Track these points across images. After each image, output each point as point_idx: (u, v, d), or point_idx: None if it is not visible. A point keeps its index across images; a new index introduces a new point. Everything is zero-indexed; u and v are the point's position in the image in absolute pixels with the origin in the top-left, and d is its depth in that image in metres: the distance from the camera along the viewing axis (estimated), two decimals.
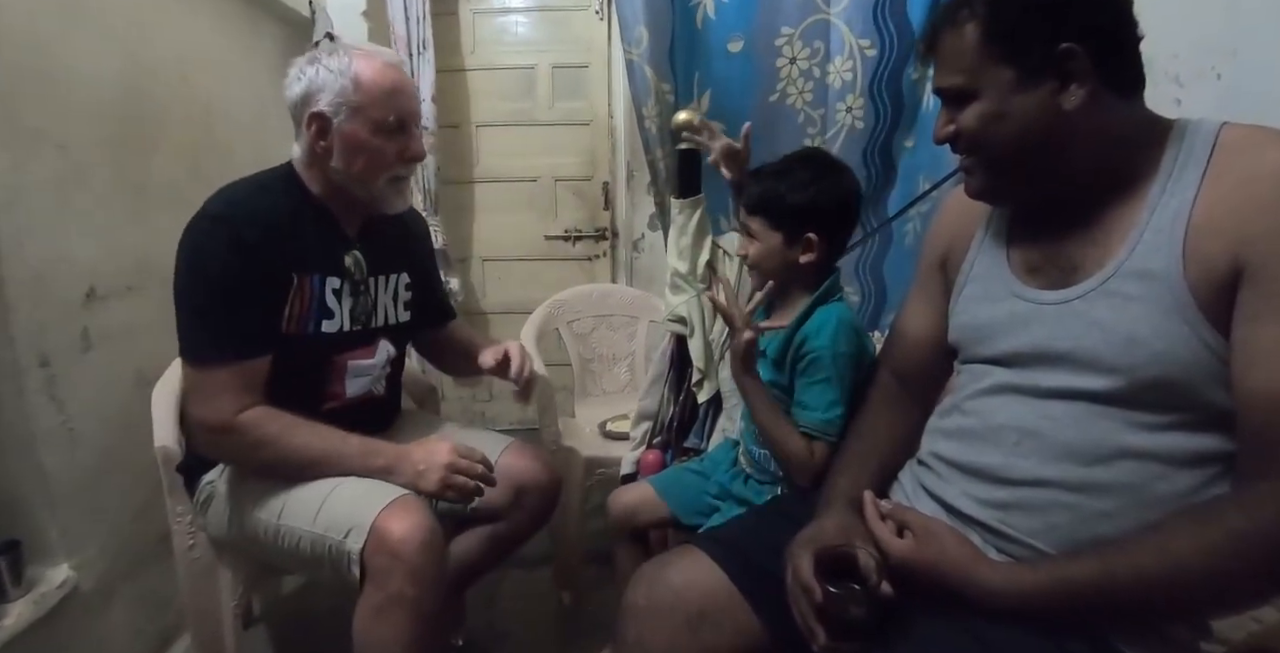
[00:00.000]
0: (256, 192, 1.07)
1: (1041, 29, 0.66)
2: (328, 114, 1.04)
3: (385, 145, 1.07)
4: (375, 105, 1.05)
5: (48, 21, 1.13)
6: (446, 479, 1.05)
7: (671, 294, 1.49)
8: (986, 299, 0.81)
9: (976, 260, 0.85)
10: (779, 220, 1.05)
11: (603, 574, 1.66)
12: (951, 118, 0.74)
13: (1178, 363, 0.65)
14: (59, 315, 1.15)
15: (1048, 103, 0.68)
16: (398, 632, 0.96)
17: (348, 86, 1.04)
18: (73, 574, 1.14)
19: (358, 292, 1.14)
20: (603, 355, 2.13)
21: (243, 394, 1.02)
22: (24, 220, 1.07)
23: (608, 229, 2.73)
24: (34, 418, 1.09)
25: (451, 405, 2.80)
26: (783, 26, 1.43)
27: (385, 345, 1.21)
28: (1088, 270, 0.72)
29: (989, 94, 0.70)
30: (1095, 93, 0.67)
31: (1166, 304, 0.65)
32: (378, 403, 1.23)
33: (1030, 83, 0.68)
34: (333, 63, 1.04)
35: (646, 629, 0.84)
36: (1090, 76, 0.67)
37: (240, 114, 1.73)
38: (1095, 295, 0.70)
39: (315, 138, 1.06)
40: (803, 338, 1.03)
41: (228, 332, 1.01)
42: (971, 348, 0.83)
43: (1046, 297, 0.75)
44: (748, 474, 1.14)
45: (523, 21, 2.67)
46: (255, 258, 1.01)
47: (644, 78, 1.41)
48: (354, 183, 1.09)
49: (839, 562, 0.74)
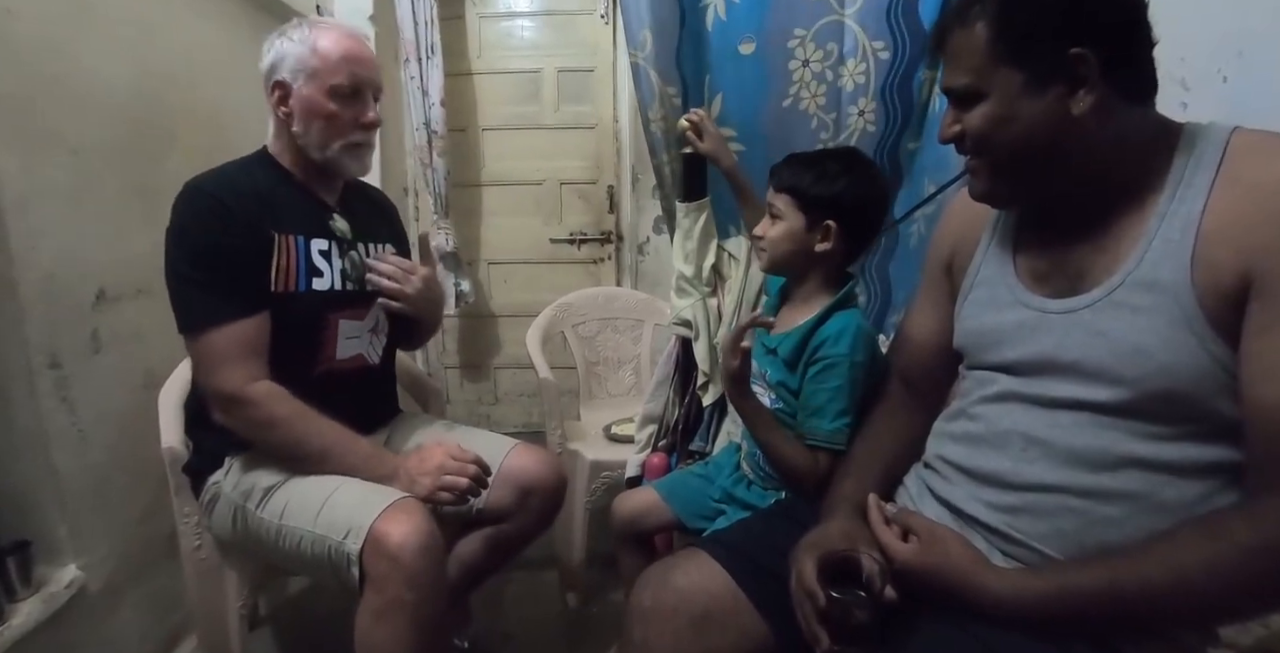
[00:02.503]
0: (232, 167, 1.13)
1: (1053, 32, 0.66)
2: (288, 81, 1.10)
3: (341, 111, 1.12)
4: (330, 71, 1.10)
5: (60, 27, 1.15)
6: (439, 482, 1.06)
7: (677, 297, 1.50)
8: (992, 306, 0.81)
9: (983, 265, 0.84)
10: (806, 201, 1.04)
11: (608, 577, 1.66)
12: (958, 118, 0.73)
13: (1185, 375, 0.64)
14: (70, 317, 1.16)
15: (1055, 107, 0.67)
16: (398, 636, 0.96)
17: (305, 53, 1.09)
18: (81, 575, 1.15)
19: (346, 253, 1.18)
20: (608, 359, 2.13)
21: (247, 360, 1.05)
22: (36, 223, 1.08)
23: (613, 232, 2.73)
24: (44, 419, 1.10)
25: (456, 408, 2.81)
26: (795, 28, 1.41)
27: (377, 311, 1.23)
28: (1095, 279, 0.71)
29: (996, 95, 0.69)
30: (1104, 99, 0.66)
31: (1174, 316, 0.64)
32: (372, 372, 1.25)
33: (1039, 86, 0.67)
34: (295, 34, 1.11)
35: (652, 632, 0.84)
36: (1100, 82, 0.66)
37: (249, 118, 1.73)
38: (1103, 306, 0.69)
39: (278, 104, 1.12)
40: (820, 341, 1.02)
41: (216, 295, 1.05)
42: (977, 355, 0.83)
43: (1053, 305, 0.74)
44: (750, 479, 1.14)
45: (528, 26, 2.68)
46: (233, 220, 1.05)
47: (649, 81, 1.41)
48: (313, 148, 1.14)
49: (843, 567, 0.74)
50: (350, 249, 1.19)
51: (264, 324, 1.07)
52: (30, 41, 1.08)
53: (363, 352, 1.22)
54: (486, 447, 1.27)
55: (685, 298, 1.48)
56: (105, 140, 1.25)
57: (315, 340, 1.15)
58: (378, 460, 1.09)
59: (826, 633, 0.72)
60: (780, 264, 1.09)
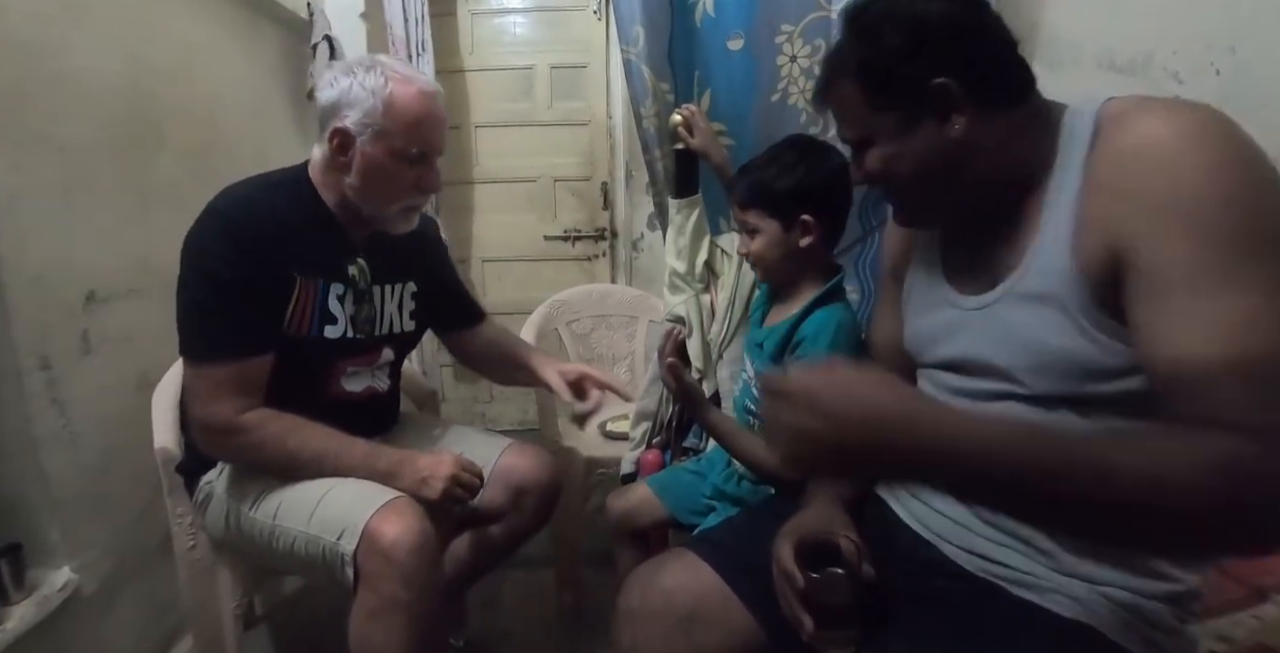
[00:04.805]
0: (264, 190, 1.06)
1: (908, 73, 0.68)
2: (352, 132, 1.03)
3: (403, 173, 1.06)
4: (401, 134, 1.03)
5: (50, 24, 1.14)
6: (450, 491, 1.05)
7: (670, 294, 1.50)
8: (925, 307, 0.83)
9: (917, 268, 0.86)
10: (773, 206, 1.05)
11: (604, 575, 1.66)
12: (859, 162, 0.77)
13: (1084, 357, 0.64)
14: (60, 318, 1.15)
15: (934, 136, 0.69)
16: (392, 636, 0.96)
17: (378, 108, 1.02)
18: (74, 577, 1.15)
19: (361, 300, 1.14)
20: (602, 356, 2.13)
21: (242, 396, 1.02)
22: (25, 223, 1.07)
23: (607, 229, 2.73)
24: (35, 421, 1.09)
25: (452, 406, 2.80)
26: (783, 24, 1.42)
27: (386, 353, 1.20)
28: (1002, 275, 0.72)
29: (881, 139, 0.73)
30: (978, 113, 0.68)
31: (1066, 305, 0.65)
32: (379, 397, 1.23)
33: (914, 121, 0.70)
34: (368, 80, 1.02)
35: (640, 633, 0.85)
36: (967, 102, 0.67)
37: (241, 116, 1.73)
38: (1007, 301, 0.71)
39: (336, 151, 1.05)
40: (800, 338, 1.03)
41: (226, 330, 1.01)
42: (920, 355, 0.85)
43: (970, 303, 0.76)
44: (741, 475, 1.14)
45: (521, 22, 2.67)
46: (257, 257, 1.00)
47: (642, 77, 1.41)
48: (364, 203, 1.08)
49: (821, 550, 0.75)
50: (364, 294, 1.14)
51: (267, 363, 1.04)
52: (19, 38, 1.07)
53: (370, 384, 1.19)
54: (482, 447, 1.27)
55: (679, 294, 1.48)
56: (95, 139, 1.24)
57: (320, 378, 1.13)
58: (375, 458, 1.08)
59: (809, 616, 0.72)
60: (774, 272, 1.10)
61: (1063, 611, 0.69)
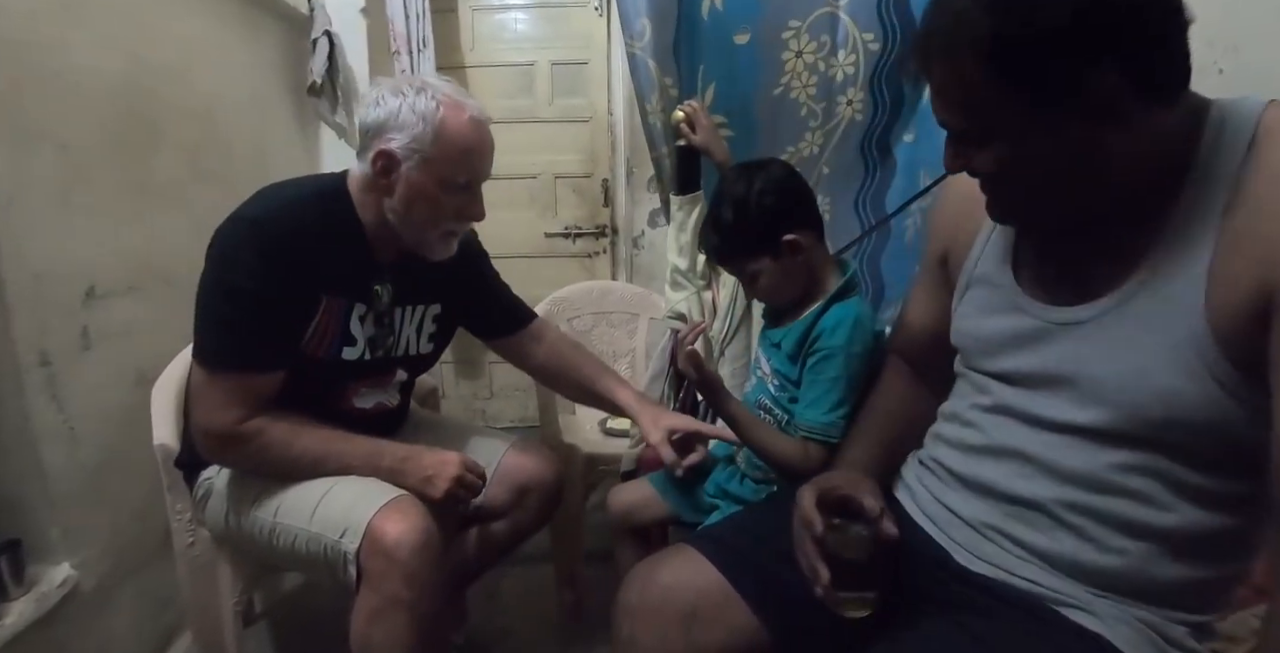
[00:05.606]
0: (297, 201, 1.02)
1: (1062, 53, 0.53)
2: (398, 156, 0.99)
3: (448, 201, 1.04)
4: (449, 163, 1.01)
5: (49, 21, 1.13)
6: (453, 491, 1.05)
7: (671, 291, 1.49)
8: (989, 309, 0.75)
9: (980, 261, 0.78)
10: (753, 247, 1.03)
11: (605, 572, 1.65)
12: (960, 153, 0.64)
13: (1184, 401, 0.57)
14: (59, 314, 1.15)
15: (1079, 139, 0.56)
16: (395, 635, 0.96)
17: (427, 134, 0.98)
18: (74, 573, 1.14)
19: (380, 322, 1.12)
20: (603, 353, 2.12)
21: (247, 406, 1.00)
22: (24, 219, 1.07)
23: (607, 226, 2.73)
24: (34, 417, 1.09)
25: (452, 403, 2.80)
26: (790, 19, 1.42)
27: (400, 374, 1.19)
28: (1102, 289, 0.63)
29: (1006, 135, 0.59)
30: (1135, 115, 0.55)
31: (1180, 336, 0.56)
32: (388, 412, 1.22)
33: (1056, 120, 0.56)
34: (419, 103, 0.98)
35: (639, 629, 0.84)
36: (1129, 100, 0.54)
37: (241, 112, 1.72)
38: (1108, 319, 0.62)
39: (378, 173, 1.01)
40: (818, 333, 1.02)
41: (239, 342, 0.99)
42: (973, 359, 0.79)
43: (1053, 314, 0.67)
44: (743, 473, 1.14)
45: (522, 18, 2.66)
46: (283, 273, 0.97)
47: (647, 72, 1.40)
48: (404, 227, 1.05)
49: (843, 504, 0.74)
50: (384, 316, 1.12)
51: (277, 379, 1.02)
52: (17, 35, 1.07)
53: (382, 400, 1.18)
54: (485, 446, 1.26)
55: (680, 291, 1.48)
56: (95, 135, 1.23)
57: (333, 396, 1.12)
58: (379, 456, 1.07)
59: (826, 568, 0.71)
60: (792, 293, 1.07)
61: (1078, 620, 0.66)
